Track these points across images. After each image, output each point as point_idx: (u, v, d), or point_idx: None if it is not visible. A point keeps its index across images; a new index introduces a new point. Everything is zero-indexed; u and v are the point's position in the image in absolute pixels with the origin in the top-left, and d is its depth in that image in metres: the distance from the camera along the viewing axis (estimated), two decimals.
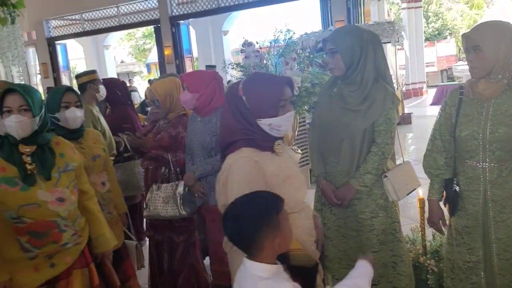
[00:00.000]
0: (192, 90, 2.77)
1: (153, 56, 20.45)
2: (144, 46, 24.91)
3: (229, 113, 1.84)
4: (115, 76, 17.43)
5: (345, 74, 2.38)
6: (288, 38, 2.80)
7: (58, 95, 2.47)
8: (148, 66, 23.83)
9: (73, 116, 2.45)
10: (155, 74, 19.75)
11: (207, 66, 9.32)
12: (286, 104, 1.80)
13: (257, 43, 2.88)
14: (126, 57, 25.92)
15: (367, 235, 2.42)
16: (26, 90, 2.00)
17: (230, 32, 14.74)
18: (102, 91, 3.90)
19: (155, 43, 12.83)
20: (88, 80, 3.89)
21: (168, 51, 10.80)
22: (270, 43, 2.84)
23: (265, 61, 2.75)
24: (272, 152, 1.83)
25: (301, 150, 3.92)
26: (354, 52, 2.33)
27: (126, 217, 2.90)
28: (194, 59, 12.71)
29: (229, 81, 8.92)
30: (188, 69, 11.05)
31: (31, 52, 12.98)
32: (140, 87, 16.35)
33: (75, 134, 2.50)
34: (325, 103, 2.52)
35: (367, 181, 2.37)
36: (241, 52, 2.79)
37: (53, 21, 12.57)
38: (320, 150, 2.53)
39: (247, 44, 2.75)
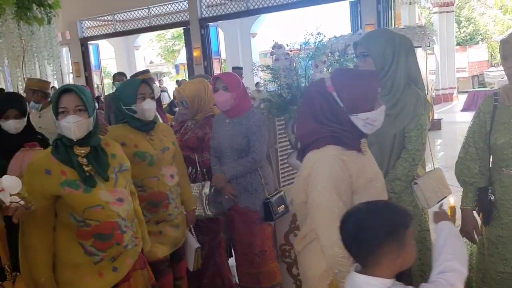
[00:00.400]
0: (231, 89, 2.79)
1: (182, 57, 20.67)
2: (173, 47, 25.22)
3: (312, 111, 1.74)
4: None
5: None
6: (319, 41, 2.78)
7: (134, 87, 2.44)
8: (176, 67, 24.13)
9: (150, 107, 2.42)
10: (183, 75, 19.97)
11: (233, 68, 9.35)
12: (378, 97, 1.73)
13: (287, 45, 2.87)
14: (155, 57, 26.30)
15: None
16: (81, 90, 1.95)
17: (258, 34, 14.78)
18: (156, 89, 3.94)
19: (184, 44, 12.97)
20: (142, 79, 3.94)
21: (196, 53, 10.92)
22: (300, 45, 2.82)
23: (294, 64, 2.73)
24: (358, 151, 1.74)
25: None
26: (385, 56, 2.30)
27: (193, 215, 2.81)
28: (222, 61, 12.79)
29: (257, 83, 8.95)
30: (216, 70, 11.15)
31: (65, 51, 13.31)
32: (169, 88, 16.56)
33: (147, 126, 2.48)
34: None
35: (396, 188, 2.33)
36: (271, 55, 2.78)
37: (86, 22, 12.88)
38: None
39: (277, 46, 2.74)
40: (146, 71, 4.12)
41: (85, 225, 1.91)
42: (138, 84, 2.45)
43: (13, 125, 2.73)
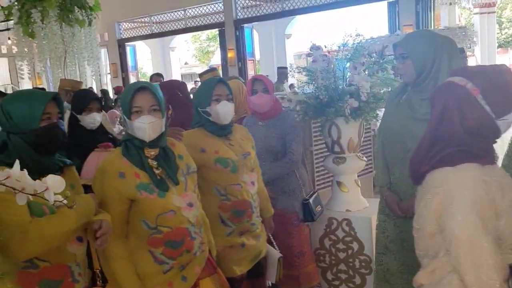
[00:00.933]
0: (270, 91, 2.79)
1: (216, 58, 20.86)
2: (208, 48, 25.47)
3: (447, 119, 1.52)
4: (179, 77, 17.96)
5: (416, 81, 2.28)
6: (357, 43, 2.73)
7: (210, 87, 2.25)
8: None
9: (225, 110, 2.23)
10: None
11: (279, 68, 9.38)
12: None
13: (325, 47, 2.83)
14: (190, 59, 26.63)
15: None
16: (156, 88, 1.84)
17: (292, 36, 14.73)
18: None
19: (218, 45, 13.07)
20: (211, 77, 3.95)
21: (231, 54, 10.98)
22: (339, 47, 2.78)
23: (332, 66, 2.69)
24: (492, 163, 1.54)
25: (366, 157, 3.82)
26: (426, 58, 2.23)
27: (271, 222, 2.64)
28: (256, 62, 12.81)
29: (290, 85, 8.91)
30: (250, 71, 11.17)
31: (103, 52, 13.66)
32: None
33: (224, 131, 2.30)
34: (392, 111, 2.43)
35: None
36: (309, 56, 2.75)
37: (124, 24, 13.17)
38: (386, 159, 2.44)
39: (315, 48, 2.71)
40: (213, 69, 4.00)
41: (157, 232, 1.81)
42: (214, 84, 2.25)
43: (95, 118, 2.75)
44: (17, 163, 1.24)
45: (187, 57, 26.41)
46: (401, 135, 2.32)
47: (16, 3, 4.76)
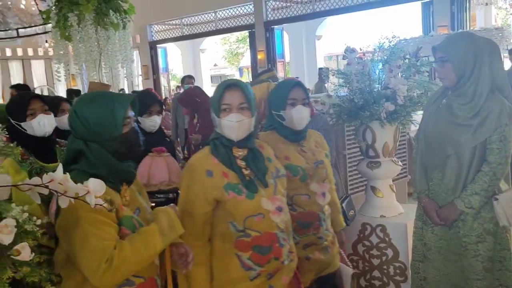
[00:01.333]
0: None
1: (246, 60, 20.94)
2: (237, 50, 25.57)
3: None
4: (208, 79, 18.11)
5: (456, 84, 2.22)
6: (394, 45, 2.67)
7: (286, 90, 2.14)
8: (240, 69, 24.49)
9: (300, 115, 2.10)
10: (247, 77, 20.18)
11: (320, 69, 9.39)
12: None
13: (361, 49, 2.78)
14: (219, 60, 26.79)
15: (470, 261, 2.23)
16: (246, 86, 1.78)
17: (323, 37, 14.63)
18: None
19: (248, 47, 13.11)
20: (267, 77, 3.96)
21: (261, 55, 11.00)
22: (374, 49, 2.73)
23: (368, 68, 2.64)
24: None
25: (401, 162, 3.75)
26: (466, 61, 2.17)
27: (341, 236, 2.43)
28: (286, 64, 12.79)
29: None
30: (280, 73, 11.16)
31: (134, 54, 13.89)
32: None
33: (298, 136, 2.18)
34: (431, 115, 2.37)
35: (474, 203, 2.18)
36: (343, 59, 2.71)
37: (155, 26, 13.36)
38: (424, 165, 2.38)
39: (349, 50, 2.66)
40: (270, 69, 3.95)
41: (245, 235, 1.74)
42: (290, 87, 2.13)
43: (156, 121, 2.73)
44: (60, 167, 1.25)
45: (216, 59, 26.60)
46: (440, 140, 2.27)
47: (54, 7, 4.89)
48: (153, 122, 2.71)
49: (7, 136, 1.62)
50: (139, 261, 1.43)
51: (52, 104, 2.68)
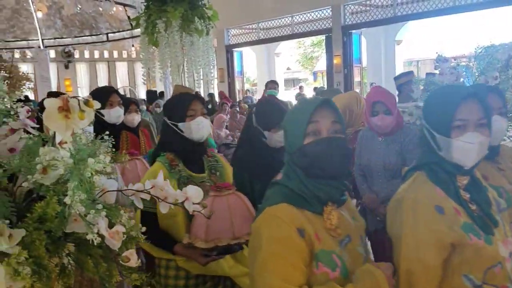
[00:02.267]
0: (392, 111, 2.65)
1: (321, 64, 20.77)
2: (312, 54, 25.45)
3: None
4: (282, 82, 18.18)
5: None
6: (491, 55, 2.51)
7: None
8: (314, 74, 24.36)
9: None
10: (321, 82, 20.03)
11: (426, 74, 9.14)
12: None
13: (454, 59, 2.64)
14: (293, 64, 26.83)
15: None
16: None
17: (403, 42, 14.15)
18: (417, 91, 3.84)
19: (323, 51, 12.98)
20: (404, 81, 3.90)
21: (337, 60, 10.83)
22: (469, 59, 2.57)
23: (462, 79, 2.50)
24: None
25: None
26: None
27: None
28: (363, 69, 12.51)
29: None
30: (356, 78, 10.94)
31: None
32: (308, 95, 16.74)
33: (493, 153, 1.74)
34: None
35: None
36: (435, 68, 2.58)
37: (232, 30, 13.63)
38: None
39: (442, 60, 2.53)
40: (410, 72, 3.70)
41: None
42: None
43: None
44: (160, 174, 1.29)
45: (290, 63, 26.66)
46: None
47: (143, 14, 5.15)
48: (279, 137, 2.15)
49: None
50: None
51: (125, 104, 3.10)
